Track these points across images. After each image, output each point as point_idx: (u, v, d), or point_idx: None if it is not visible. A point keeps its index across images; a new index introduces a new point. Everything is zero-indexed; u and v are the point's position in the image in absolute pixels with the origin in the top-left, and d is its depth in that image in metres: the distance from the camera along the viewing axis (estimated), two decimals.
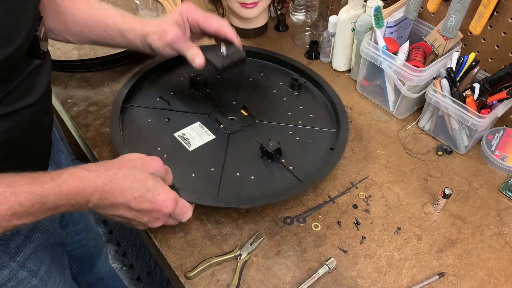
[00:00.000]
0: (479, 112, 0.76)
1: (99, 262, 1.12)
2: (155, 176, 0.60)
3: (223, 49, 0.74)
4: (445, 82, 0.79)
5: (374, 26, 0.84)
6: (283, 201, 0.75)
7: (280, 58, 0.96)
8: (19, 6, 0.51)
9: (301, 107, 0.88)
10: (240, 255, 0.67)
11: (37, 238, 0.71)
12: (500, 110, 0.79)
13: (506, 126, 0.87)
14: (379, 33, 0.85)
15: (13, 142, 0.59)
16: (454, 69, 0.80)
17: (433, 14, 0.91)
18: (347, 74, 1.01)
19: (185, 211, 0.63)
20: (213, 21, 0.74)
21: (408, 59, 0.86)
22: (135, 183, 0.57)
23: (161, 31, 0.73)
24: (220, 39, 0.77)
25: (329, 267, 0.66)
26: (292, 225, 0.72)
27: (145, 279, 1.57)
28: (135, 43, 0.76)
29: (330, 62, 1.03)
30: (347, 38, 0.95)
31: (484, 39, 0.85)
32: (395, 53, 0.85)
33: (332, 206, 0.75)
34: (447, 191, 0.71)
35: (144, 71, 0.91)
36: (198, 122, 0.84)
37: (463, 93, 0.77)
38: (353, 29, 0.93)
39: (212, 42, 0.81)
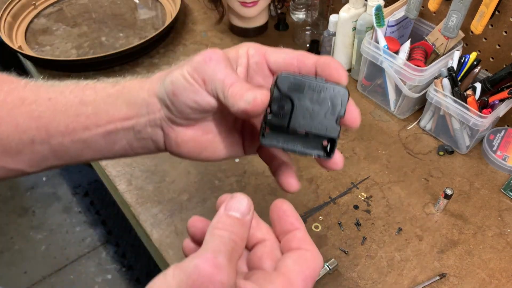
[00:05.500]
0: (480, 112, 0.76)
1: None
2: None
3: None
4: (446, 81, 0.79)
5: (375, 25, 0.83)
6: None
7: None
8: None
9: None
10: None
11: None
12: (501, 110, 0.78)
13: (508, 126, 0.87)
14: (380, 32, 0.84)
15: None
16: (455, 69, 0.79)
17: (434, 13, 0.90)
18: (347, 74, 1.01)
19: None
20: (308, 55, 0.36)
21: (409, 58, 0.85)
22: None
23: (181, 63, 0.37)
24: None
25: (329, 268, 0.65)
26: None
27: (144, 281, 1.57)
28: (135, 126, 0.38)
29: None
30: (347, 37, 0.94)
31: (485, 39, 0.85)
32: (396, 53, 0.84)
33: (333, 207, 0.75)
34: (448, 192, 0.70)
35: None
36: None
37: (465, 93, 0.77)
38: (354, 28, 0.93)
39: None
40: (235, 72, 0.34)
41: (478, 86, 0.79)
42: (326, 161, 0.35)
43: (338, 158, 0.36)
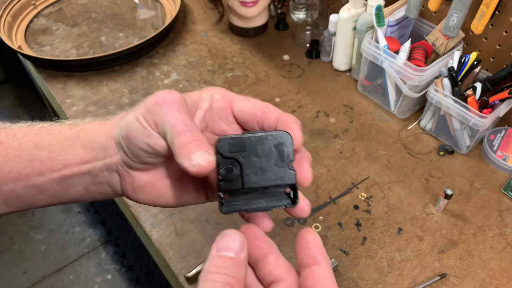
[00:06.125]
0: (480, 112, 0.76)
1: None
2: None
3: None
4: (446, 81, 0.79)
5: (375, 25, 0.83)
6: None
7: None
8: None
9: None
10: None
11: None
12: (502, 110, 0.78)
13: (508, 126, 0.87)
14: (380, 32, 0.84)
15: None
16: (455, 69, 0.79)
17: (435, 13, 0.90)
18: (348, 74, 1.01)
19: None
20: (272, 108, 0.36)
21: (409, 58, 0.85)
22: None
23: (138, 105, 0.35)
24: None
25: None
26: (293, 226, 0.71)
27: (144, 281, 1.57)
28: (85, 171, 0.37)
29: (331, 62, 1.02)
30: (348, 37, 0.94)
31: (485, 38, 0.85)
32: (396, 52, 0.84)
33: (333, 207, 0.75)
34: (449, 192, 0.70)
35: None
36: None
37: (465, 93, 0.77)
38: (354, 28, 0.93)
39: None
40: (189, 118, 0.33)
41: (479, 86, 0.79)
42: (292, 209, 0.33)
43: (304, 204, 0.34)
